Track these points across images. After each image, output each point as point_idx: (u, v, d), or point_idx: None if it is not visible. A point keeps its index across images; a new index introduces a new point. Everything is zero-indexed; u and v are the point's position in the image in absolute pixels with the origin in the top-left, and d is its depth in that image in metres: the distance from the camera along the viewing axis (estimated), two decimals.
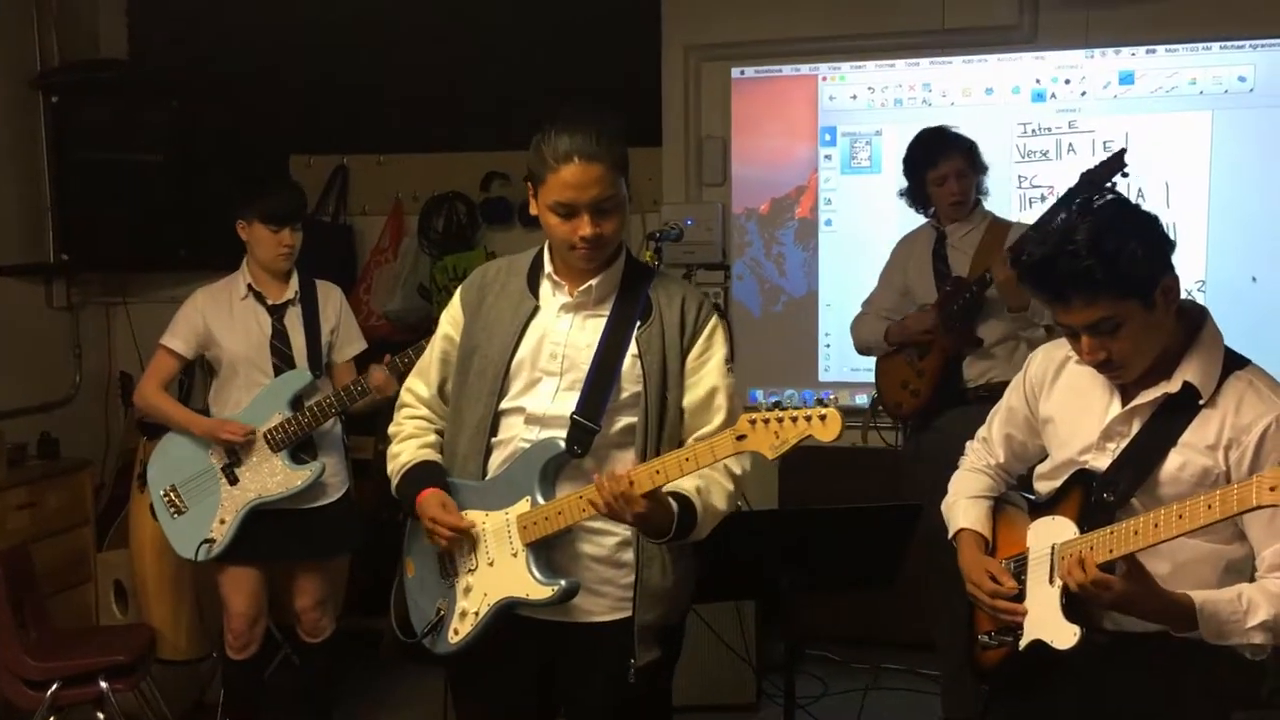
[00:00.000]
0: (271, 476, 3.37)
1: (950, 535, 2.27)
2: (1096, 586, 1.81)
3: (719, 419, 2.14)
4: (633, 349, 2.16)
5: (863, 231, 4.62)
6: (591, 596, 2.16)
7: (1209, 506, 1.70)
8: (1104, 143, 4.35)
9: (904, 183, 3.78)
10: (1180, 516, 1.74)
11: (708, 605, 3.70)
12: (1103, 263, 1.82)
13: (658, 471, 1.99)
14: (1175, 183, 4.31)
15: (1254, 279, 4.27)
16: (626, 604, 2.16)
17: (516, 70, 4.78)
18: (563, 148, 2.07)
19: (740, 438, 1.91)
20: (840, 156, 4.67)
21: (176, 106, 4.51)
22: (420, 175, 5.05)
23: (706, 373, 2.18)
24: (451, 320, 2.31)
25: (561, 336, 2.19)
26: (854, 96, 4.63)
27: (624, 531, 2.16)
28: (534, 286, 2.25)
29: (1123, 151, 3.41)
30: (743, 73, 4.73)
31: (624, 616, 2.16)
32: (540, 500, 2.12)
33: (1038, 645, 1.99)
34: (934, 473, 2.53)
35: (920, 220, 3.83)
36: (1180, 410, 1.93)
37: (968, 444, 2.38)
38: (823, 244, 4.71)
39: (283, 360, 3.43)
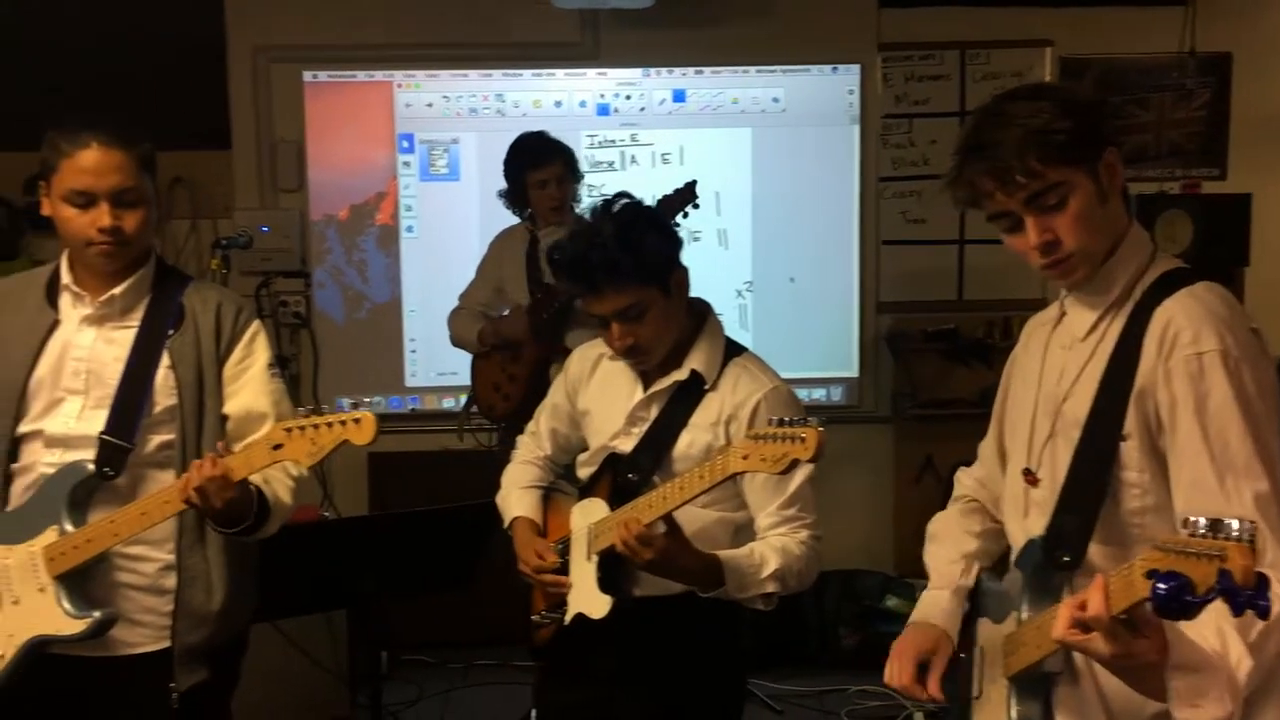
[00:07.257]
0: None
1: (506, 525, 2.39)
2: (642, 543, 1.95)
3: (265, 426, 2.09)
4: (165, 360, 2.07)
5: (444, 238, 4.69)
6: (132, 627, 2.05)
7: (700, 476, 1.90)
8: (663, 154, 4.70)
9: (503, 184, 3.81)
10: (681, 488, 1.94)
11: (297, 620, 3.61)
12: (628, 253, 2.05)
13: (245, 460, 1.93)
14: (725, 192, 4.71)
15: (792, 279, 4.76)
16: (169, 632, 2.06)
17: (65, 63, 4.39)
18: (81, 134, 1.97)
19: (276, 447, 1.89)
20: (419, 163, 4.70)
21: None
22: None
23: (248, 380, 2.13)
24: None
25: (84, 351, 2.06)
26: (430, 105, 4.68)
27: (166, 556, 2.07)
28: (53, 300, 2.10)
29: (694, 183, 3.65)
30: (315, 76, 4.64)
31: (167, 646, 2.06)
32: (69, 528, 1.98)
33: (579, 617, 2.15)
34: None
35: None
36: (690, 395, 2.16)
37: (519, 438, 2.52)
38: (405, 250, 4.72)
39: None
